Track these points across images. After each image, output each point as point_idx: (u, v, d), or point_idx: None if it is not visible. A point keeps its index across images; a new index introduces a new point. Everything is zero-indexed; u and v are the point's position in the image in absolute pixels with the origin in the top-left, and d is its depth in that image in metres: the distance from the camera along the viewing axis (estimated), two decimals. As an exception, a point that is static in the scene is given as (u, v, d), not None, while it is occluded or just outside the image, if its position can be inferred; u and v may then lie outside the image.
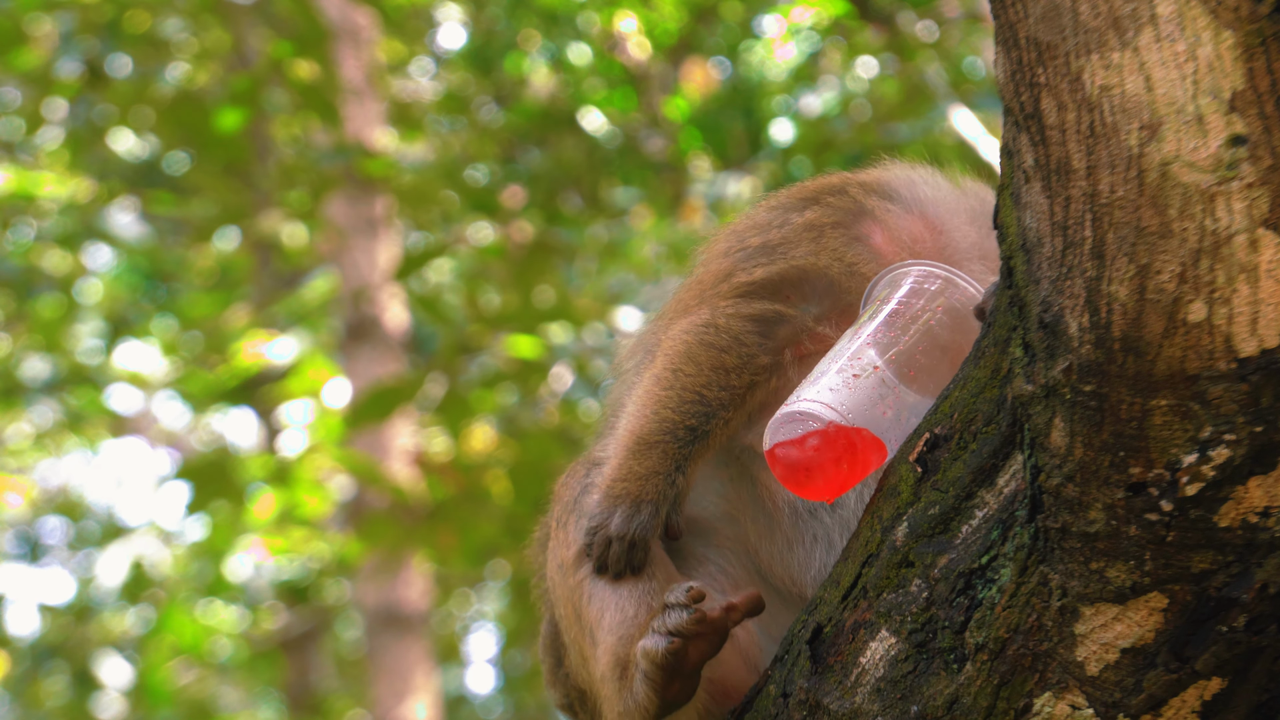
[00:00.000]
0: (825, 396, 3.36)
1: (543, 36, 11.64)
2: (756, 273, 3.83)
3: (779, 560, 3.82)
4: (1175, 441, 2.78)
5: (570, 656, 3.90)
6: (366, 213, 11.80)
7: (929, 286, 3.50)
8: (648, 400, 3.77)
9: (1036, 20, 2.74)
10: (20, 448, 17.75)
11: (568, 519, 3.82)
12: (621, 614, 3.68)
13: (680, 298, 4.01)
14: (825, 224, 3.85)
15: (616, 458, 3.75)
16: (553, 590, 3.89)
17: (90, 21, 11.89)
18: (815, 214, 3.88)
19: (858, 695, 3.21)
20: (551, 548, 3.87)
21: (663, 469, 3.70)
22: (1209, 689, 2.99)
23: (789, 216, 3.91)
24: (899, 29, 10.64)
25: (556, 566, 3.83)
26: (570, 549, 3.78)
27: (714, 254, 3.99)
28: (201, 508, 12.35)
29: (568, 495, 3.87)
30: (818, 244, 3.81)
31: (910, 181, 3.95)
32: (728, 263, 3.90)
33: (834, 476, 3.36)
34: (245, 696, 20.29)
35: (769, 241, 3.87)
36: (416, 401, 10.70)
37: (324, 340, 14.77)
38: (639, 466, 3.70)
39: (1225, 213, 2.65)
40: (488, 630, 20.36)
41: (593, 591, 3.72)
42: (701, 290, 3.92)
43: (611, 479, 3.73)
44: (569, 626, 3.83)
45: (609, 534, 3.66)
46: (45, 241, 13.99)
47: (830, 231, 3.83)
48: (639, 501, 3.67)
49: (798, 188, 4.03)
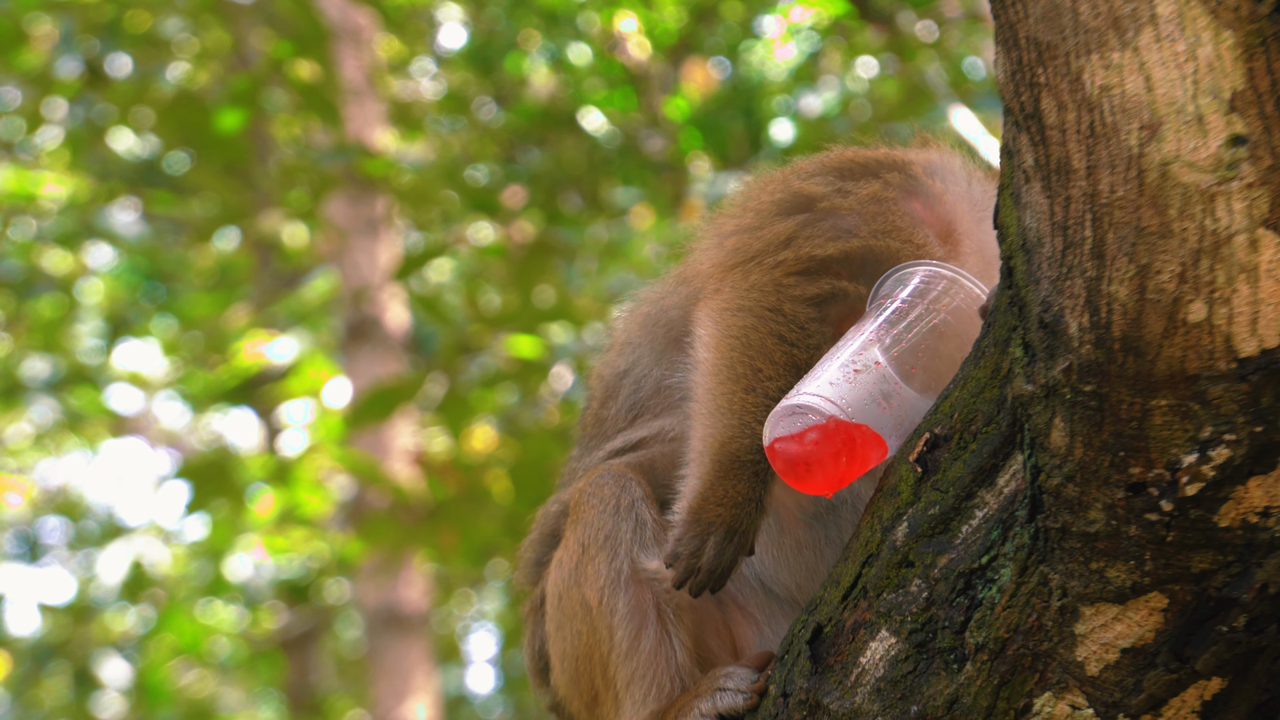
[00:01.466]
0: (826, 390, 3.35)
1: (543, 36, 11.64)
2: (829, 248, 3.58)
3: (786, 567, 3.79)
4: (1175, 441, 2.78)
5: (565, 683, 3.78)
6: (366, 213, 11.80)
7: (935, 286, 3.50)
8: (731, 405, 3.52)
9: (1036, 20, 2.74)
10: (20, 448, 17.75)
11: (598, 554, 3.61)
12: (658, 688, 3.57)
13: (718, 257, 3.72)
14: (890, 199, 3.63)
15: (704, 473, 3.51)
16: (563, 615, 3.70)
17: (90, 21, 11.89)
18: (878, 187, 3.67)
19: (858, 695, 3.21)
20: (565, 574, 3.67)
21: (755, 494, 3.48)
22: (1209, 689, 2.99)
23: (846, 186, 3.67)
24: (899, 29, 10.63)
25: (579, 601, 3.64)
26: (596, 584, 3.60)
27: (765, 209, 3.72)
28: (201, 507, 12.34)
29: (598, 521, 3.64)
30: (885, 221, 3.60)
31: (959, 169, 3.79)
32: (790, 225, 3.64)
33: (833, 471, 3.34)
34: (245, 696, 20.29)
35: (836, 210, 3.62)
36: (416, 401, 10.70)
37: (324, 340, 14.77)
38: (733, 490, 3.48)
39: (1225, 213, 2.65)
40: (488, 630, 20.35)
41: (623, 647, 3.57)
42: (752, 255, 3.64)
43: (701, 498, 3.49)
44: (580, 659, 3.68)
45: (700, 565, 3.47)
46: (45, 241, 13.99)
47: (894, 209, 3.62)
48: (733, 531, 3.46)
49: (849, 156, 3.78)
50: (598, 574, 3.61)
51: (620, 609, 3.59)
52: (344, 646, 19.77)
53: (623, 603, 3.59)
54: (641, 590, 3.60)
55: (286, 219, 12.67)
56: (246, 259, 15.17)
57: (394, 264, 11.35)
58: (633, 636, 3.59)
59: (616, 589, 3.59)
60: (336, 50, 11.31)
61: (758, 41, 11.67)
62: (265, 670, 19.12)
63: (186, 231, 14.24)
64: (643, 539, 3.64)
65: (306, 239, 13.60)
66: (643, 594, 3.60)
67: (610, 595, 3.59)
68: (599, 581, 3.61)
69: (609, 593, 3.60)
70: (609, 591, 3.60)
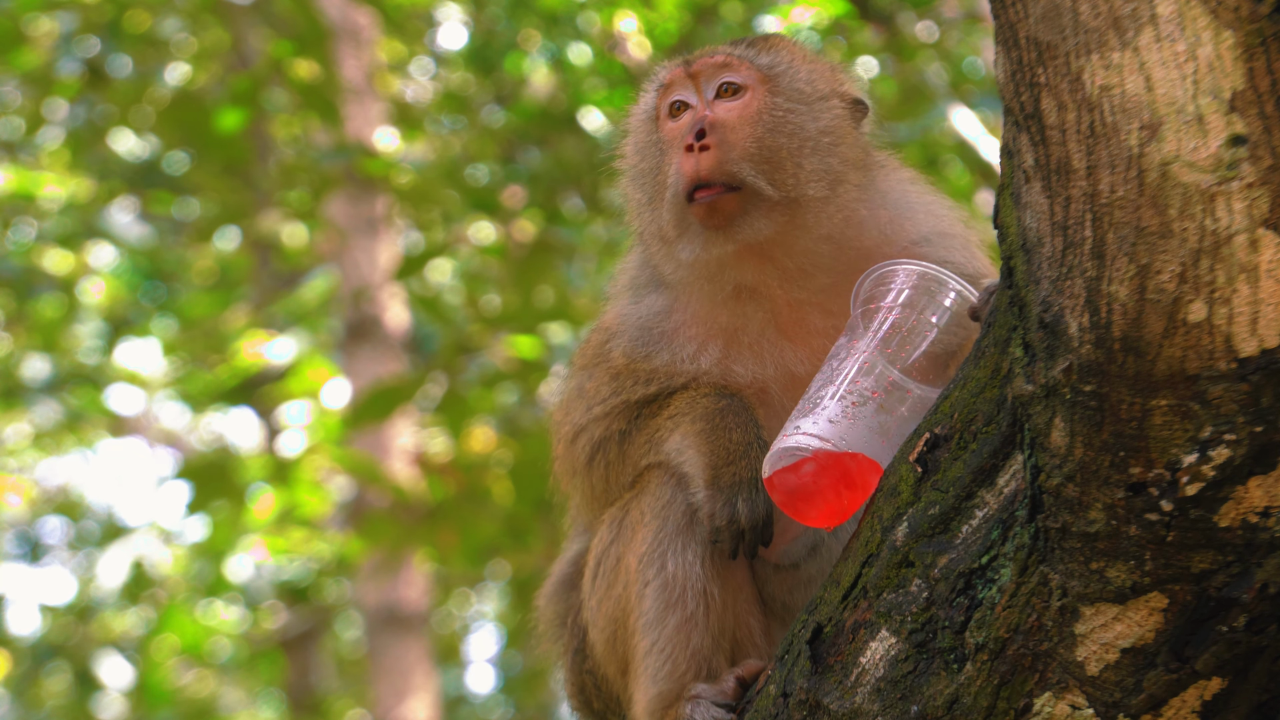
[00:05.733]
0: (824, 429, 3.36)
1: (543, 36, 11.63)
2: (583, 442, 3.91)
3: (780, 603, 3.85)
4: (1175, 441, 2.78)
5: (602, 646, 3.87)
6: (366, 213, 11.80)
7: (921, 291, 3.49)
8: (680, 411, 3.75)
9: (1037, 20, 2.74)
10: (20, 448, 17.75)
11: (651, 520, 3.75)
12: (673, 665, 3.68)
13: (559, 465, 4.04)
14: (603, 379, 3.90)
15: (699, 446, 3.68)
16: (607, 576, 3.85)
17: (90, 21, 11.89)
18: (587, 378, 3.93)
19: (858, 695, 3.21)
20: (613, 536, 3.82)
21: (750, 436, 3.66)
22: (1209, 689, 2.99)
23: (584, 385, 3.95)
24: (899, 29, 10.63)
25: (620, 564, 3.78)
26: (638, 550, 3.73)
27: (557, 434, 4.04)
28: (201, 508, 12.34)
29: (660, 492, 3.79)
30: (612, 404, 3.87)
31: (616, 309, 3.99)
32: (559, 450, 4.00)
33: (834, 503, 3.37)
34: (245, 696, 20.29)
35: (580, 427, 3.92)
36: (416, 401, 10.70)
37: (324, 340, 14.77)
38: (730, 442, 3.66)
39: (1225, 213, 2.65)
40: (488, 630, 20.36)
41: (650, 616, 3.69)
42: (565, 470, 3.98)
43: (711, 467, 3.66)
44: (617, 622, 3.80)
45: (742, 526, 3.62)
46: (45, 241, 14.00)
47: (617, 396, 3.87)
48: (754, 480, 3.62)
49: (587, 347, 4.04)
50: (644, 542, 3.73)
51: (655, 580, 3.71)
52: (344, 646, 19.78)
53: (660, 575, 3.71)
54: (681, 568, 3.72)
55: (286, 219, 12.68)
56: (246, 259, 15.18)
57: (394, 264, 11.35)
58: (661, 609, 3.69)
59: (655, 559, 3.72)
60: (336, 50, 11.32)
61: (758, 41, 11.64)
62: (265, 670, 19.13)
63: (186, 231, 14.24)
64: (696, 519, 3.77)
65: (306, 239, 13.61)
66: (681, 572, 3.72)
67: (648, 565, 3.71)
68: (642, 549, 3.73)
69: (647, 562, 3.71)
70: (648, 560, 3.71)
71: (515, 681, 19.26)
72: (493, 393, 11.02)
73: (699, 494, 3.67)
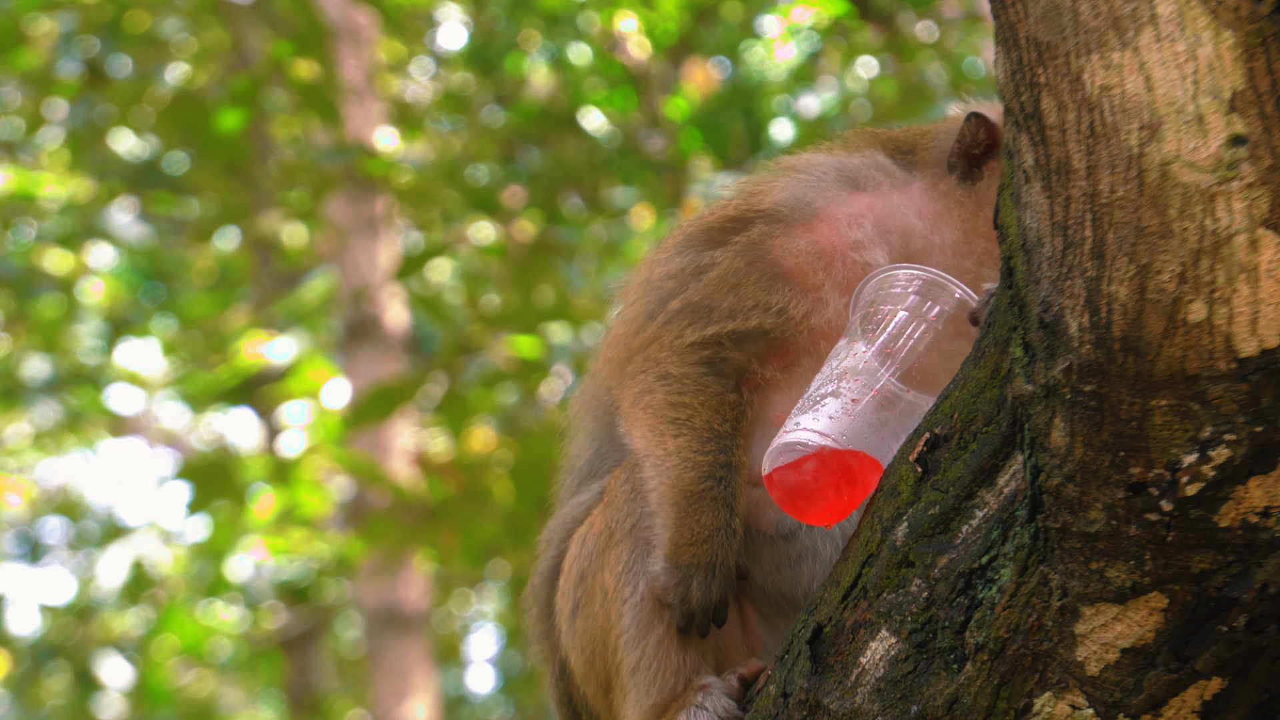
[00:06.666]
0: (824, 425, 3.36)
1: (543, 36, 11.63)
2: (687, 335, 3.75)
3: (769, 579, 3.83)
4: (1175, 441, 2.78)
5: (581, 666, 3.83)
6: (366, 213, 11.80)
7: (922, 295, 3.49)
8: (666, 450, 3.68)
9: (1036, 20, 2.74)
10: (20, 448, 17.75)
11: (623, 540, 3.71)
12: (662, 680, 3.67)
13: (609, 355, 3.91)
14: (739, 270, 3.76)
15: (668, 518, 3.65)
16: (584, 596, 3.80)
17: (90, 21, 11.89)
18: (726, 260, 3.78)
19: (858, 695, 3.21)
20: (587, 554, 3.77)
21: (720, 522, 3.62)
22: (1209, 689, 2.99)
23: (700, 260, 3.81)
24: (899, 29, 10.64)
25: (599, 585, 3.74)
26: (615, 570, 3.70)
27: (636, 313, 3.89)
28: (202, 508, 12.35)
29: (628, 508, 3.74)
30: (738, 297, 3.74)
31: (795, 189, 3.84)
32: (652, 328, 3.82)
33: (834, 501, 3.37)
34: (245, 696, 20.30)
35: (690, 301, 3.78)
36: (416, 401, 10.71)
37: (324, 340, 14.77)
38: (699, 526, 3.62)
39: (1225, 213, 2.65)
40: (488, 630, 20.36)
41: (631, 633, 3.68)
42: (630, 353, 3.83)
43: (674, 544, 3.63)
44: (595, 641, 3.77)
45: (692, 608, 3.61)
46: (45, 241, 13.99)
47: (746, 281, 3.75)
48: (711, 565, 3.60)
49: (707, 222, 3.89)
50: (619, 560, 3.72)
51: (633, 597, 3.69)
52: (344, 646, 19.78)
53: (638, 592, 3.69)
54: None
55: (286, 219, 12.68)
56: (246, 259, 15.18)
57: (394, 264, 11.36)
58: (642, 625, 3.68)
59: (633, 578, 3.70)
60: (336, 50, 11.32)
61: (758, 41, 11.67)
62: (265, 670, 19.14)
63: (186, 231, 14.24)
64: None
65: (306, 239, 13.61)
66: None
67: (625, 583, 3.70)
68: (618, 568, 3.72)
69: (625, 580, 3.70)
70: (625, 579, 3.70)
71: (515, 681, 19.27)
72: (493, 393, 11.03)
73: (656, 565, 3.65)
